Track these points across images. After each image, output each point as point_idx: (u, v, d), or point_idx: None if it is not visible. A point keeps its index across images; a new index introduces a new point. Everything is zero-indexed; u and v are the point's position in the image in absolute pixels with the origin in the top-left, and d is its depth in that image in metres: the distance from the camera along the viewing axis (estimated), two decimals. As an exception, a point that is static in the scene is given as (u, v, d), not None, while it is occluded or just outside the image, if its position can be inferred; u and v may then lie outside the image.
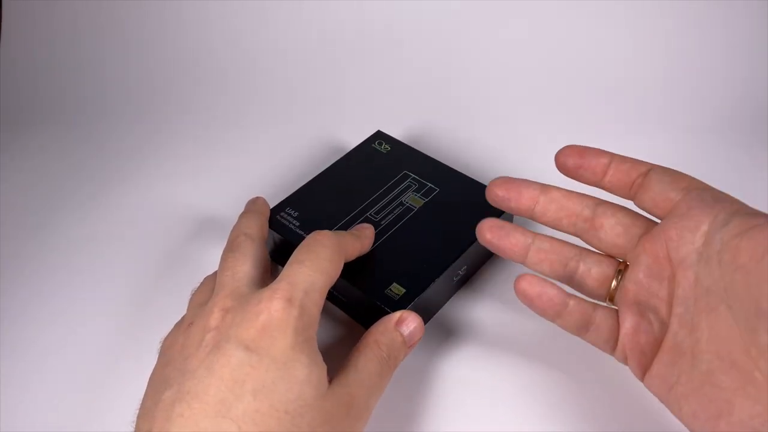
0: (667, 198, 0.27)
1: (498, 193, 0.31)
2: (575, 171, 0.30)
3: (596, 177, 0.29)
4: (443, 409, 0.32)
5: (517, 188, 0.30)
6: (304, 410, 0.24)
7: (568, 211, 0.30)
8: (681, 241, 0.25)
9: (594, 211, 0.29)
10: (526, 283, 0.29)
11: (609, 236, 0.29)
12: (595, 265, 0.30)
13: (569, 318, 0.29)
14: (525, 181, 0.31)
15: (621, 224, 0.29)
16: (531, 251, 0.30)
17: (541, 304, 0.29)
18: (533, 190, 0.30)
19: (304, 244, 0.29)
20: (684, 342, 0.25)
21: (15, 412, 0.33)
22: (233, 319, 0.26)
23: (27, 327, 0.37)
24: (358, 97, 0.53)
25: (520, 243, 0.30)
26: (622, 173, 0.29)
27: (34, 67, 0.57)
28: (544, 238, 0.31)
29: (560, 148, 0.30)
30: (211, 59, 0.56)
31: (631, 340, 0.27)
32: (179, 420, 0.23)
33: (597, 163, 0.29)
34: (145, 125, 0.52)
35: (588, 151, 0.29)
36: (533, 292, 0.29)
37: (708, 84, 0.50)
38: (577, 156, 0.29)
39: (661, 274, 0.26)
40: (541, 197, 0.30)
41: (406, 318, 0.30)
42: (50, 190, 0.46)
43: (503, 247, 0.30)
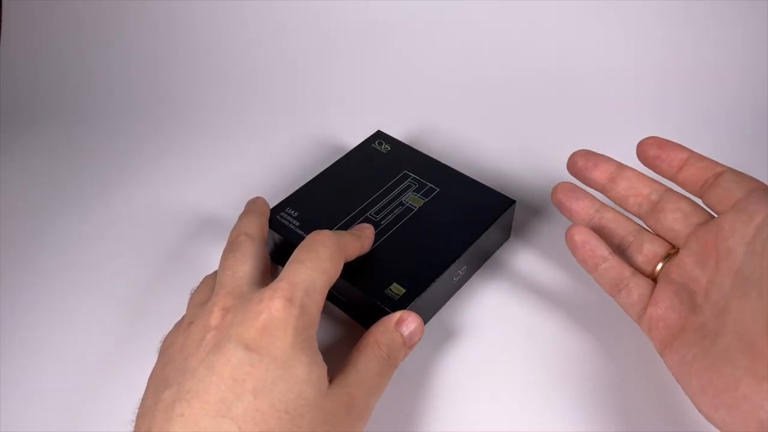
0: (732, 196, 0.28)
1: (578, 163, 0.33)
2: (654, 161, 0.31)
3: (672, 170, 0.31)
4: (443, 409, 0.32)
5: (596, 161, 0.33)
6: (304, 410, 0.24)
7: (636, 191, 0.32)
8: (732, 232, 0.27)
9: (661, 196, 0.31)
10: (576, 230, 0.31)
11: (668, 219, 0.30)
12: (648, 242, 0.31)
13: (605, 273, 0.31)
14: (604, 157, 0.33)
15: (681, 211, 0.30)
16: (594, 217, 0.33)
17: (584, 252, 0.31)
18: (610, 165, 0.32)
19: (305, 243, 0.29)
20: (710, 325, 0.26)
21: (15, 412, 0.33)
22: (234, 319, 0.26)
23: (27, 327, 0.37)
24: (358, 97, 0.53)
25: (587, 207, 0.33)
26: (697, 170, 0.30)
27: (34, 67, 0.57)
28: (609, 209, 0.33)
29: (644, 138, 0.31)
30: (211, 59, 0.56)
31: (661, 314, 0.28)
32: (179, 419, 0.23)
33: (676, 157, 0.31)
34: (145, 125, 0.52)
35: (669, 145, 0.31)
36: (580, 239, 0.31)
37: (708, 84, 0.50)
38: (657, 147, 0.31)
39: (707, 261, 0.28)
40: (615, 174, 0.32)
41: (406, 318, 0.30)
42: (50, 190, 0.46)
43: (571, 208, 0.33)
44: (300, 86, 0.54)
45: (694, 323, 0.27)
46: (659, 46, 0.52)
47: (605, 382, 0.32)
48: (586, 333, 0.35)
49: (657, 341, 0.29)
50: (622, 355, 0.33)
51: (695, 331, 0.27)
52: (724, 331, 0.25)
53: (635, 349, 0.33)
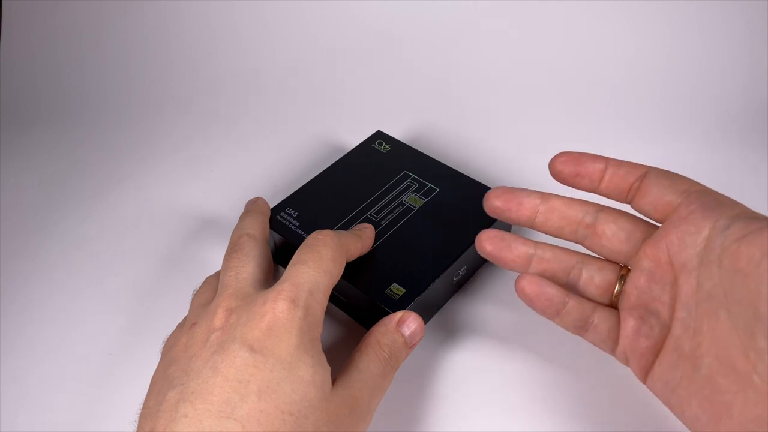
0: (666, 202, 0.27)
1: (497, 204, 0.30)
2: (572, 179, 0.29)
3: (593, 183, 0.29)
4: (444, 409, 0.32)
5: (517, 198, 0.30)
6: (308, 411, 0.24)
7: (569, 220, 0.30)
8: (682, 245, 0.25)
9: (595, 218, 0.29)
10: (526, 282, 0.29)
11: (611, 243, 0.29)
12: (598, 272, 0.30)
13: (568, 317, 0.29)
14: (524, 191, 0.30)
15: (623, 230, 0.29)
16: (533, 261, 0.30)
17: (541, 303, 0.29)
18: (534, 199, 0.30)
19: (307, 244, 0.29)
20: (685, 345, 0.25)
21: (16, 412, 0.33)
22: (238, 320, 0.26)
23: (28, 327, 0.37)
24: (358, 97, 0.53)
25: (522, 254, 0.30)
26: (618, 178, 0.28)
27: (34, 67, 0.57)
28: (546, 247, 0.30)
29: (554, 156, 0.29)
30: (211, 59, 0.56)
31: (632, 343, 0.27)
32: (184, 420, 0.23)
33: (593, 169, 0.29)
34: (145, 125, 0.52)
35: (583, 158, 0.29)
36: (533, 291, 0.29)
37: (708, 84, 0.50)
38: (572, 163, 0.29)
39: (663, 278, 0.27)
40: (541, 207, 0.30)
41: (406, 318, 0.30)
42: (50, 190, 0.46)
43: (505, 259, 0.30)
44: (300, 86, 0.54)
45: (669, 345, 0.26)
46: (660, 46, 0.52)
47: (607, 381, 0.32)
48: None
49: (637, 370, 0.28)
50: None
51: (671, 353, 0.26)
52: (702, 353, 0.24)
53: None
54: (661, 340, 0.27)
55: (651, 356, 0.27)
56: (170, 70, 0.56)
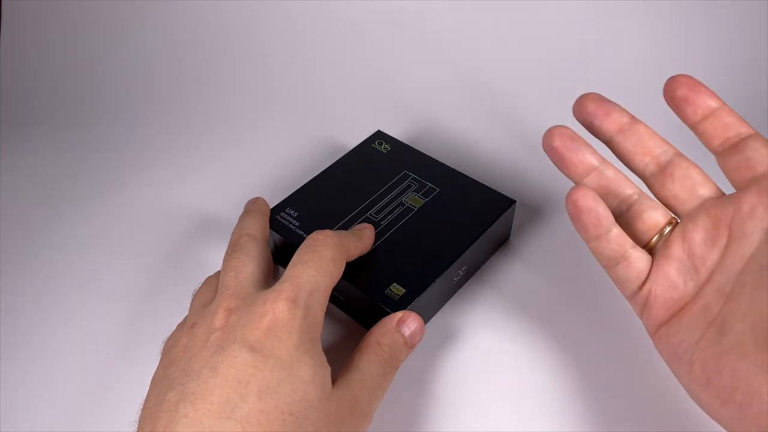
0: (752, 167, 0.26)
1: (588, 107, 0.29)
2: (680, 102, 0.28)
3: (696, 117, 0.28)
4: (444, 409, 0.32)
5: (608, 108, 0.29)
6: (308, 411, 0.24)
7: (645, 148, 0.29)
8: (751, 215, 0.25)
9: (670, 159, 0.28)
10: (582, 194, 0.27)
11: (675, 186, 0.28)
12: (649, 209, 0.28)
13: (606, 245, 0.28)
14: (618, 106, 0.29)
15: (691, 179, 0.28)
16: (593, 174, 0.29)
17: (588, 219, 0.27)
18: (623, 116, 0.29)
19: (306, 244, 0.29)
20: (714, 310, 0.25)
21: (16, 412, 0.33)
22: (238, 320, 0.26)
23: (28, 327, 0.37)
24: (358, 97, 0.53)
25: (586, 162, 0.29)
26: (722, 124, 0.27)
27: (34, 67, 0.57)
28: (611, 166, 0.29)
29: (675, 75, 0.28)
30: (211, 59, 0.56)
31: (660, 292, 0.27)
32: (184, 420, 0.23)
33: (704, 103, 0.28)
34: (145, 125, 0.52)
35: (700, 89, 0.28)
36: (585, 205, 0.27)
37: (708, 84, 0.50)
38: (687, 88, 0.28)
39: (716, 240, 0.26)
40: (626, 126, 0.29)
41: (406, 318, 0.30)
42: (50, 191, 0.46)
43: (569, 160, 0.29)
44: (300, 86, 0.54)
45: (696, 305, 0.25)
46: (661, 46, 0.52)
47: (606, 383, 0.32)
48: (587, 333, 0.35)
49: (651, 320, 0.27)
50: (624, 354, 0.34)
51: (697, 314, 0.25)
52: (734, 319, 0.24)
53: (636, 347, 0.34)
54: (688, 297, 0.26)
55: (671, 310, 0.26)
56: (170, 70, 0.56)
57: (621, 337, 0.34)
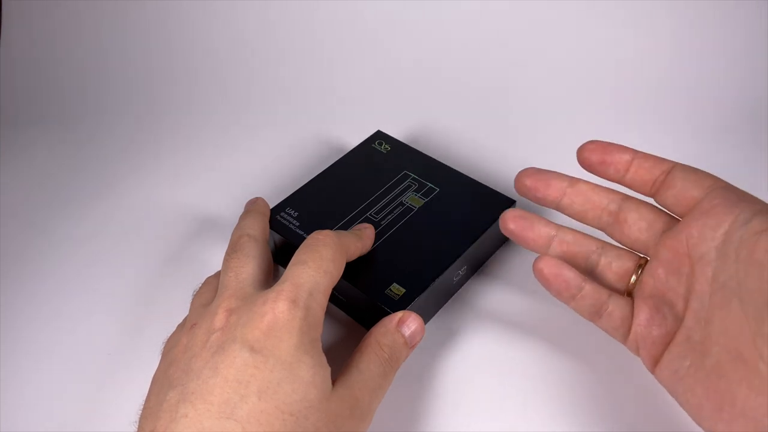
0: (690, 196, 0.27)
1: (526, 183, 0.31)
2: (598, 167, 0.30)
3: (618, 173, 0.29)
4: (444, 409, 0.32)
5: (546, 179, 0.31)
6: (308, 411, 0.24)
7: (593, 204, 0.30)
8: (702, 237, 0.26)
9: (619, 206, 0.30)
10: (544, 263, 0.29)
11: (632, 231, 0.29)
12: (616, 259, 0.30)
13: (583, 302, 0.29)
14: (554, 173, 0.31)
15: (644, 219, 0.29)
16: (554, 243, 0.31)
17: (557, 285, 0.29)
18: (561, 181, 0.31)
19: (306, 244, 0.29)
20: (696, 336, 0.25)
21: (16, 412, 0.33)
22: (238, 320, 0.26)
23: (28, 327, 0.37)
24: (358, 97, 0.53)
25: (543, 234, 0.31)
26: (644, 170, 0.29)
27: (34, 67, 0.57)
28: (567, 230, 0.31)
29: (583, 143, 0.30)
30: (211, 59, 0.56)
31: (645, 332, 0.28)
32: (184, 420, 0.23)
33: (620, 159, 0.29)
34: (145, 125, 0.52)
35: (611, 147, 0.30)
36: (550, 273, 0.29)
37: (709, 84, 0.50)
38: (600, 152, 0.30)
39: (680, 269, 0.27)
40: (568, 189, 0.31)
41: (406, 318, 0.30)
42: (50, 190, 0.46)
43: (526, 238, 0.31)
44: (300, 86, 0.54)
45: (680, 335, 0.26)
46: (661, 45, 0.52)
47: (607, 381, 0.32)
48: (587, 333, 0.35)
49: (646, 359, 0.28)
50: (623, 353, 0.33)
51: (682, 343, 0.26)
52: (711, 343, 0.25)
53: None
54: (673, 330, 0.27)
55: (662, 345, 0.27)
56: (170, 70, 0.56)
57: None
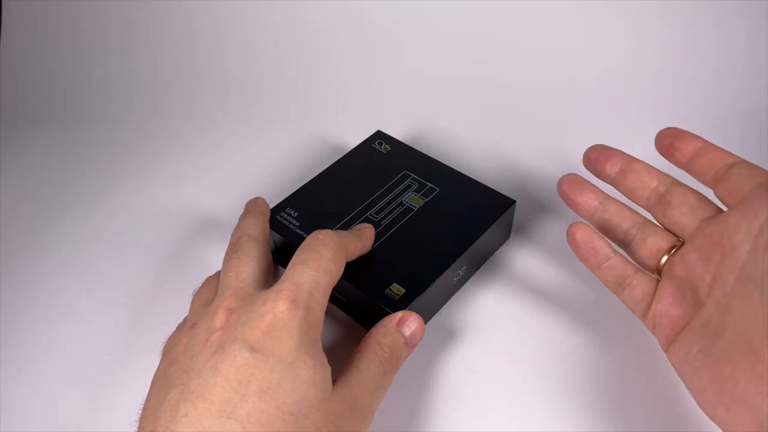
0: (740, 189, 0.28)
1: (591, 156, 0.33)
2: (668, 150, 0.31)
3: (684, 159, 0.31)
4: (444, 409, 0.32)
5: (608, 154, 0.33)
6: (308, 411, 0.24)
7: (644, 183, 0.32)
8: (737, 228, 0.27)
9: (668, 189, 0.31)
10: (578, 228, 0.31)
11: (674, 213, 0.30)
12: (652, 236, 0.31)
13: (608, 272, 0.31)
14: (616, 150, 0.33)
15: (687, 204, 0.30)
16: (598, 211, 0.33)
17: (586, 251, 0.31)
18: (621, 158, 0.33)
19: (307, 243, 0.29)
20: (713, 322, 0.26)
21: (16, 412, 0.33)
22: (238, 320, 0.26)
23: (28, 327, 0.37)
24: (358, 97, 0.53)
25: (591, 200, 0.33)
26: (708, 160, 0.30)
27: (34, 67, 0.57)
28: (613, 201, 0.33)
29: (663, 128, 0.32)
30: (211, 59, 0.56)
31: (665, 311, 0.28)
32: (184, 420, 0.23)
33: (689, 145, 0.31)
34: (145, 125, 0.52)
35: (684, 134, 0.31)
36: (582, 239, 0.31)
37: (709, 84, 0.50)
38: (672, 137, 0.31)
39: (711, 257, 0.28)
40: (625, 166, 0.32)
41: (407, 318, 0.30)
42: (50, 191, 0.46)
43: (576, 201, 0.33)
44: (300, 86, 0.54)
45: (698, 320, 0.27)
46: (661, 45, 0.52)
47: (606, 382, 0.32)
48: (587, 333, 0.35)
49: (661, 337, 0.29)
50: (623, 355, 0.34)
51: (698, 327, 0.27)
52: (726, 329, 0.25)
53: (636, 348, 0.34)
54: (692, 314, 0.27)
55: (678, 327, 0.28)
56: (170, 70, 0.56)
57: (621, 337, 0.34)
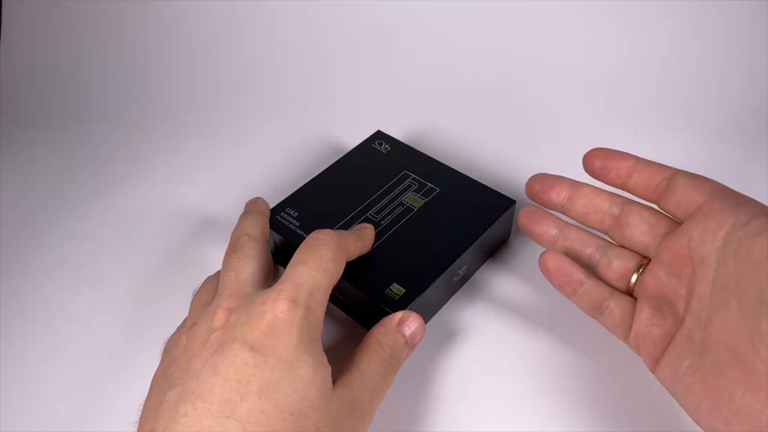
0: (691, 201, 0.28)
1: (535, 187, 0.33)
2: (601, 172, 0.31)
3: (620, 179, 0.31)
4: (444, 409, 0.32)
5: (551, 183, 0.33)
6: (308, 411, 0.24)
7: (596, 207, 0.32)
8: (702, 240, 0.27)
9: (622, 209, 0.31)
10: (549, 257, 0.31)
11: (634, 233, 0.30)
12: (617, 258, 0.31)
13: (584, 297, 0.31)
14: (560, 177, 0.33)
15: (646, 222, 0.30)
16: (558, 239, 0.33)
17: (559, 279, 0.31)
18: (566, 185, 0.33)
19: (306, 243, 0.29)
20: (696, 336, 0.26)
21: (16, 412, 0.33)
22: (238, 320, 0.26)
23: (28, 327, 0.37)
24: (358, 97, 0.53)
25: (550, 230, 0.33)
26: (646, 176, 0.30)
27: (34, 67, 0.57)
28: (572, 228, 0.33)
29: (588, 150, 0.32)
30: (210, 59, 0.56)
31: (646, 331, 0.28)
32: (183, 420, 0.23)
33: (622, 165, 0.31)
34: (145, 125, 0.52)
35: (614, 154, 0.31)
36: (553, 266, 0.31)
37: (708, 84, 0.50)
38: (603, 158, 0.31)
39: (681, 271, 0.28)
40: (571, 192, 0.32)
41: (407, 318, 0.30)
42: (49, 191, 0.46)
43: (535, 232, 0.33)
44: (300, 86, 0.54)
45: (680, 335, 0.27)
46: (660, 47, 0.52)
47: (606, 383, 0.32)
48: (586, 333, 0.35)
49: (647, 358, 0.28)
50: (623, 353, 0.33)
51: (682, 343, 0.26)
52: (710, 342, 0.25)
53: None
54: (674, 330, 0.27)
55: (662, 345, 0.28)
56: (170, 70, 0.56)
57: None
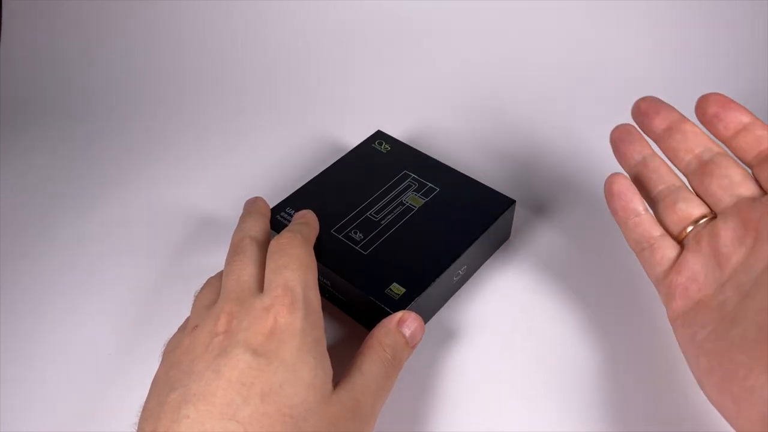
0: None
1: (641, 107, 0.31)
2: (711, 120, 0.29)
3: (728, 132, 0.29)
4: (444, 409, 0.32)
5: (658, 108, 0.31)
6: (307, 414, 0.24)
7: (688, 146, 0.30)
8: None
9: (712, 158, 0.29)
10: (616, 179, 0.30)
11: (713, 184, 0.29)
12: (683, 201, 0.30)
13: (634, 228, 0.30)
14: (669, 106, 0.31)
15: (729, 178, 0.28)
16: (639, 163, 0.31)
17: (619, 202, 0.30)
18: (672, 115, 0.31)
19: (276, 251, 0.29)
20: (730, 305, 0.25)
21: (16, 412, 0.33)
22: (240, 324, 0.26)
23: (28, 328, 0.37)
24: (358, 97, 0.53)
25: (635, 153, 0.32)
26: (754, 138, 0.28)
27: (34, 67, 0.57)
28: (656, 159, 0.31)
29: (706, 93, 0.29)
30: (211, 59, 0.56)
31: (682, 284, 0.28)
32: (185, 421, 0.23)
33: (736, 119, 0.28)
34: (145, 126, 0.52)
35: (731, 105, 0.29)
36: (618, 190, 0.30)
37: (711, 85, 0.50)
38: (719, 105, 0.29)
39: (743, 240, 0.26)
40: (673, 126, 0.30)
41: (407, 318, 0.30)
42: (50, 191, 0.46)
43: (622, 149, 0.32)
44: (300, 86, 0.54)
45: (714, 300, 0.26)
46: (661, 46, 0.52)
47: (606, 382, 0.32)
48: (586, 332, 0.35)
49: (671, 309, 0.28)
50: (623, 354, 0.34)
51: (713, 309, 0.26)
52: (744, 317, 0.24)
53: (636, 348, 0.34)
54: (709, 292, 0.27)
55: (691, 302, 0.27)
56: (170, 70, 0.56)
57: (621, 337, 0.34)
